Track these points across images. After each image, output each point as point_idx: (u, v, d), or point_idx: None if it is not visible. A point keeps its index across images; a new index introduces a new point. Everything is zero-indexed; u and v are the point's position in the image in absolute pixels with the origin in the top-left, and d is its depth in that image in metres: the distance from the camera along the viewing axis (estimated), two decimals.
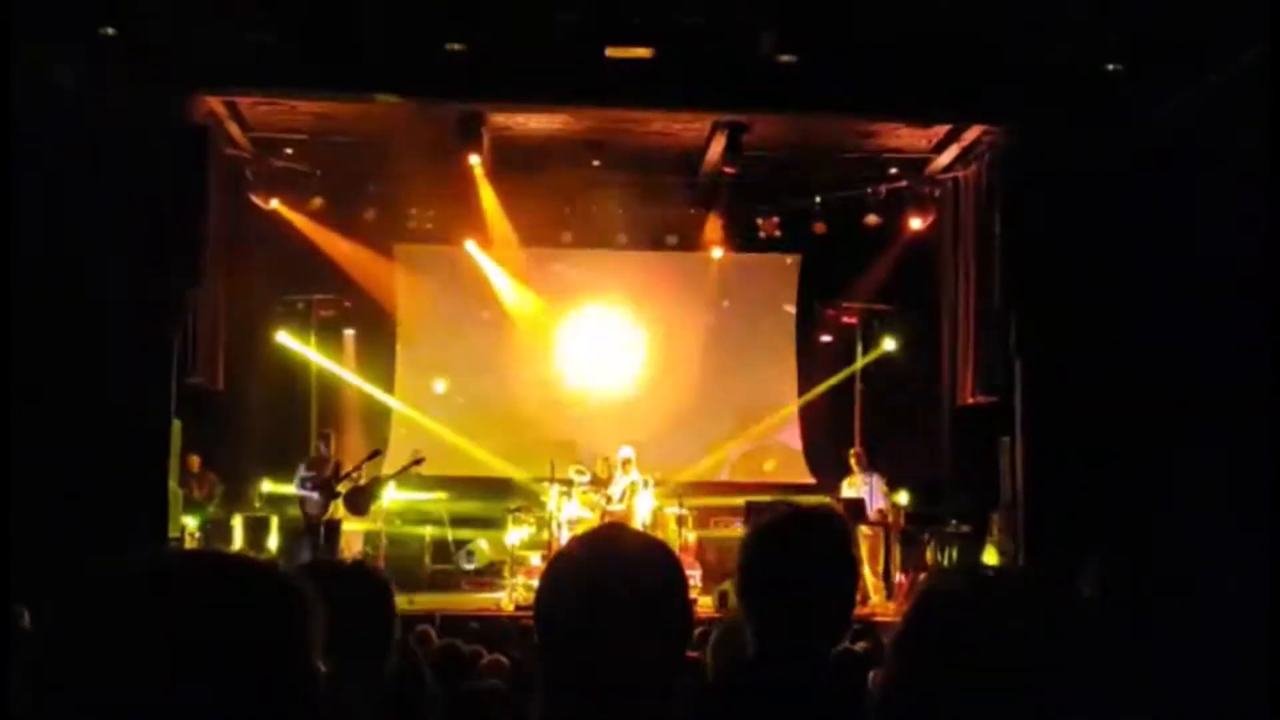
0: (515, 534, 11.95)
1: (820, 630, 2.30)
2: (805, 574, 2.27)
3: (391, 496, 12.20)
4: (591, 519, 11.52)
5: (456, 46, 9.37)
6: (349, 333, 13.85)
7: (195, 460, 11.55)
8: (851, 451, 12.19)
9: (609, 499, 11.86)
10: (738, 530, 11.98)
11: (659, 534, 11.29)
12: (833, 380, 13.72)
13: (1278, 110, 7.90)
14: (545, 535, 11.81)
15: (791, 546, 2.31)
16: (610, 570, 1.66)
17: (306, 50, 9.37)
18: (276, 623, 1.20)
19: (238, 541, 11.52)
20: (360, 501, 12.05)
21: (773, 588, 2.28)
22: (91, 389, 8.98)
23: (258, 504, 12.28)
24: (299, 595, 1.23)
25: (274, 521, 11.87)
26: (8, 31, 8.03)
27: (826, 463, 13.32)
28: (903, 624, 1.62)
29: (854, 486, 11.89)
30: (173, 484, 10.08)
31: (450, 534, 12.69)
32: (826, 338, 13.95)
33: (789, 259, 13.91)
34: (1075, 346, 10.04)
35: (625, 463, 11.96)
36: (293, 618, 1.21)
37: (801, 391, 14.03)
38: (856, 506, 11.36)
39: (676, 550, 4.68)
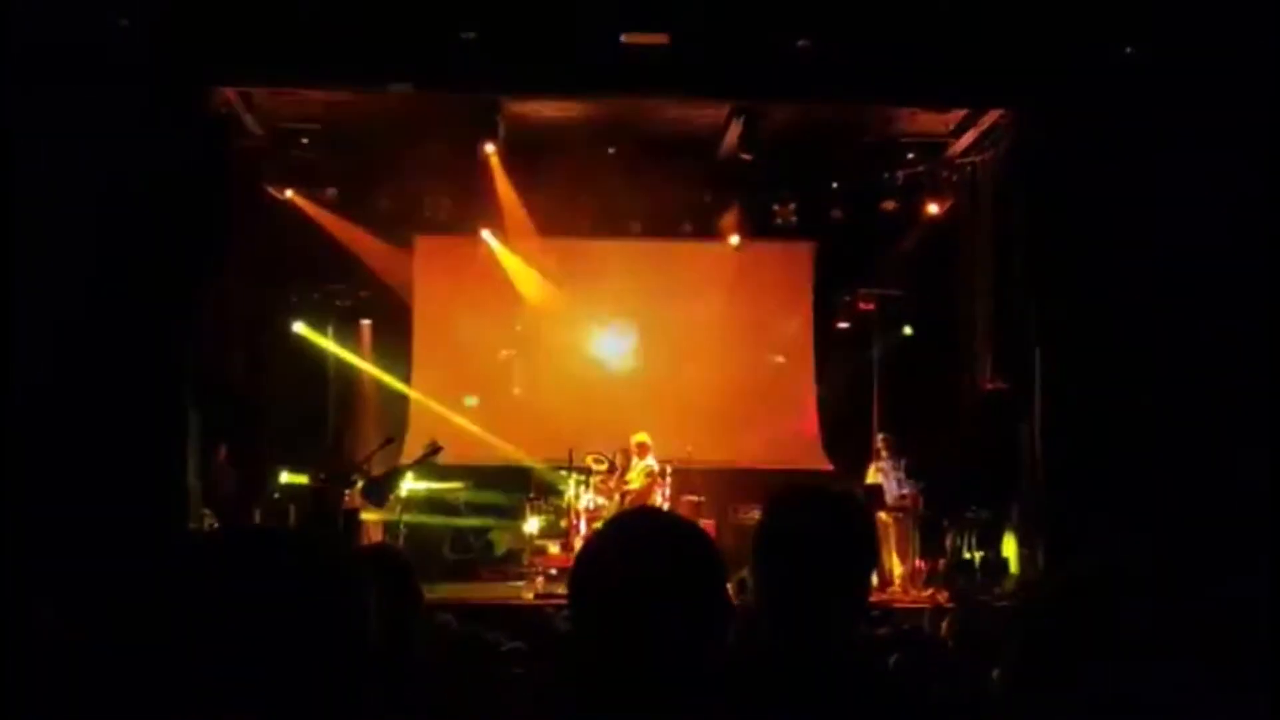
0: (534, 523, 11.95)
1: (837, 611, 2.28)
2: (820, 554, 2.25)
3: (410, 486, 12.21)
4: (610, 507, 11.52)
5: (471, 35, 9.35)
6: (366, 322, 13.87)
7: (222, 451, 11.58)
8: (880, 437, 12.18)
9: (627, 484, 11.87)
10: (755, 517, 11.93)
11: None
12: (850, 367, 13.70)
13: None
14: (564, 524, 11.82)
15: (806, 526, 2.29)
16: (646, 552, 1.65)
17: (321, 41, 9.36)
18: (338, 597, 1.19)
19: None
20: (378, 491, 12.07)
21: (787, 568, 2.27)
22: (110, 381, 9.01)
23: (276, 495, 12.30)
24: (357, 572, 1.22)
25: (292, 512, 11.88)
26: (7, 26, 8.05)
27: (844, 450, 13.29)
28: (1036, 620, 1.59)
29: (880, 472, 11.87)
30: (193, 475, 10.10)
31: (469, 523, 12.70)
32: (844, 324, 13.91)
33: (806, 245, 13.87)
34: (1094, 332, 9.99)
35: (640, 446, 11.96)
36: (352, 593, 1.20)
37: (819, 378, 14.00)
38: (875, 493, 11.34)
39: None
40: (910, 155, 12.77)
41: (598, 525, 10.58)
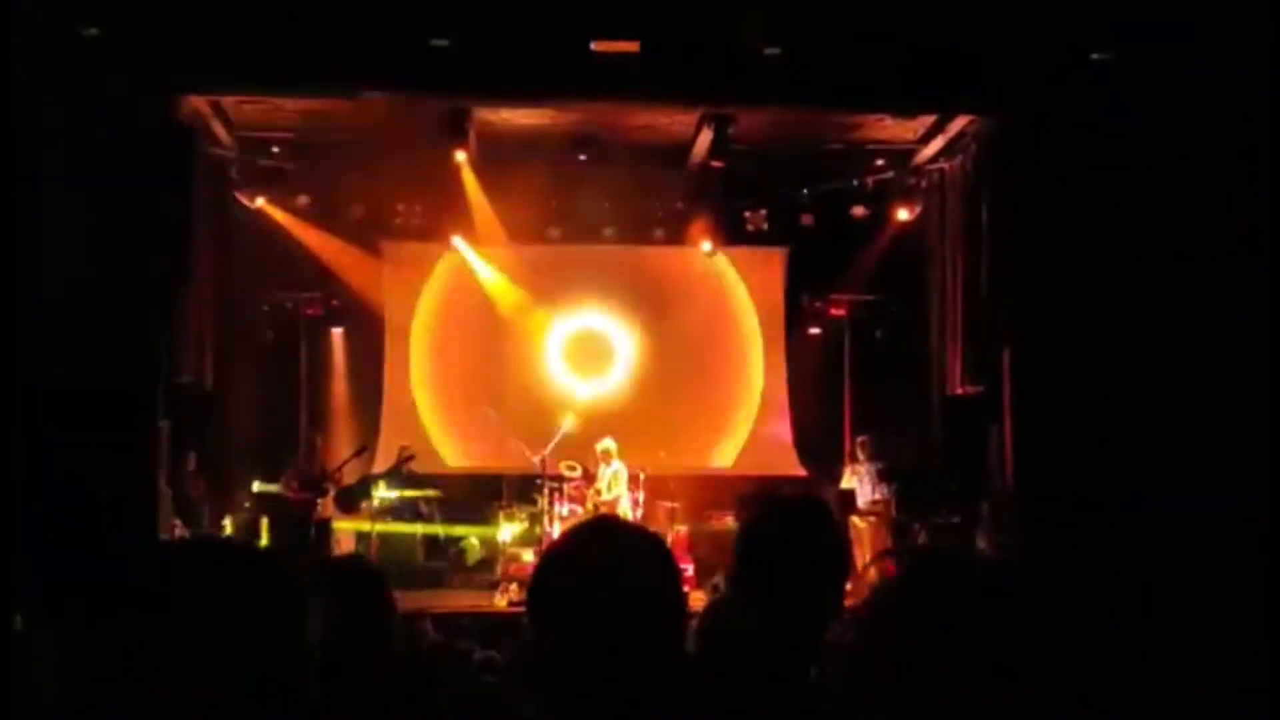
0: (507, 530, 11.93)
1: (812, 618, 2.31)
2: (795, 562, 2.28)
3: (382, 494, 12.18)
4: (583, 514, 11.51)
5: (441, 42, 9.34)
6: (337, 331, 13.82)
7: (192, 460, 11.51)
8: (858, 440, 12.24)
9: (600, 493, 11.86)
10: (729, 524, 11.98)
11: (650, 527, 11.27)
12: (822, 372, 13.75)
13: (1276, 95, 7.91)
14: (537, 531, 11.80)
15: (781, 535, 2.32)
16: (602, 563, 1.66)
17: (290, 48, 9.33)
18: (274, 608, 1.20)
19: None
20: (350, 500, 12.03)
21: (764, 576, 2.30)
22: (79, 389, 8.95)
23: (247, 504, 12.24)
24: (295, 582, 1.23)
25: (264, 521, 11.83)
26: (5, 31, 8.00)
27: (817, 454, 13.34)
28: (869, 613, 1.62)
29: (855, 475, 11.93)
30: (163, 484, 10.05)
31: (441, 531, 12.67)
32: (815, 330, 13.96)
33: (777, 251, 13.91)
34: (1063, 335, 10.06)
35: (605, 454, 11.94)
36: (289, 604, 1.22)
37: (791, 384, 14.04)
38: (848, 497, 11.40)
39: (668, 544, 4.67)
40: (879, 161, 12.85)
41: None
